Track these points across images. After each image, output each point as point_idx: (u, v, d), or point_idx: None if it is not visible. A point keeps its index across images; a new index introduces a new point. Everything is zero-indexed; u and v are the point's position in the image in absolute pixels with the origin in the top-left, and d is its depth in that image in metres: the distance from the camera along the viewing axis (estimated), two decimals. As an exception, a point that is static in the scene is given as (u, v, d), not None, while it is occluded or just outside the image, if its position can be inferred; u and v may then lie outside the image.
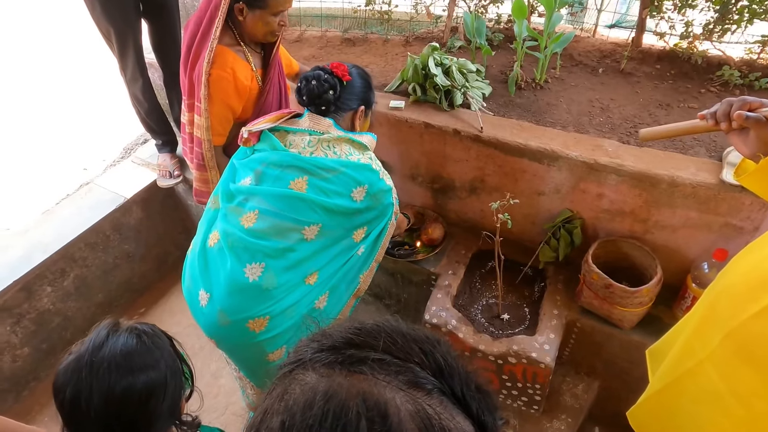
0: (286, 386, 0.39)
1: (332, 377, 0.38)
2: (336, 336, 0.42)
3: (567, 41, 1.89)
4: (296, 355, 0.42)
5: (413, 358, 0.40)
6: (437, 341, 0.43)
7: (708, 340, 0.95)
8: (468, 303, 1.86)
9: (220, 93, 1.64)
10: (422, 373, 0.39)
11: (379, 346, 0.40)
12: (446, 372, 0.40)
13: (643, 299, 1.57)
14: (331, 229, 1.41)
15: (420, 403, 0.37)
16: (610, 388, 1.84)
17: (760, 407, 0.86)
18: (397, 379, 0.38)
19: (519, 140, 1.71)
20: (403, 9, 2.45)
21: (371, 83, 1.57)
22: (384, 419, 0.34)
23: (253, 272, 1.34)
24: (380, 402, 0.35)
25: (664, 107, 1.80)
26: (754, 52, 1.83)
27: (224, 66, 1.62)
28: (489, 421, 0.41)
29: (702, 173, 1.50)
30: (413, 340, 0.42)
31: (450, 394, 0.39)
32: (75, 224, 2.27)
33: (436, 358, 0.41)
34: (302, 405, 0.36)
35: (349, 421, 0.34)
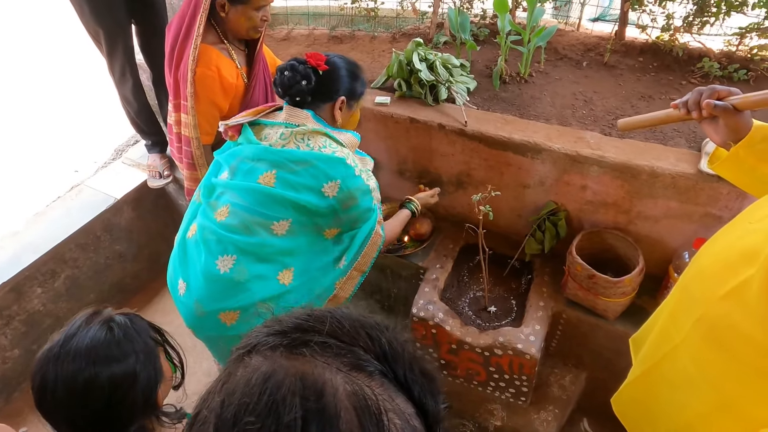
0: (232, 369, 0.40)
1: (274, 359, 0.39)
2: (286, 321, 0.43)
3: (549, 35, 1.90)
4: (247, 339, 0.43)
5: (359, 342, 0.42)
6: (385, 327, 0.44)
7: (682, 324, 0.97)
8: (455, 296, 1.88)
9: (206, 91, 1.65)
10: (365, 356, 0.41)
11: (324, 330, 0.42)
12: (390, 356, 0.42)
13: (625, 289, 1.58)
14: (303, 225, 1.38)
15: (359, 384, 0.38)
16: (597, 378, 1.86)
17: (728, 390, 0.88)
18: (339, 361, 0.39)
19: (503, 134, 1.72)
20: (390, 6, 2.46)
21: (358, 73, 1.49)
22: (319, 398, 0.35)
23: (225, 264, 1.35)
24: (318, 382, 0.37)
25: (646, 99, 1.82)
26: (733, 44, 1.85)
27: (209, 64, 1.63)
28: (430, 405, 0.42)
29: (681, 163, 1.52)
30: (361, 325, 0.43)
31: (392, 378, 0.41)
32: (65, 225, 2.28)
33: (381, 343, 0.42)
34: (242, 385, 0.37)
35: (283, 398, 0.35)
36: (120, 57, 2.13)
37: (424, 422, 0.41)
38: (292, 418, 0.34)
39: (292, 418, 0.34)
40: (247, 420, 0.35)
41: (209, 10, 1.60)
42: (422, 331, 1.76)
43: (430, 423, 0.42)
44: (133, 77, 2.23)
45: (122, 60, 2.14)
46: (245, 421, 0.35)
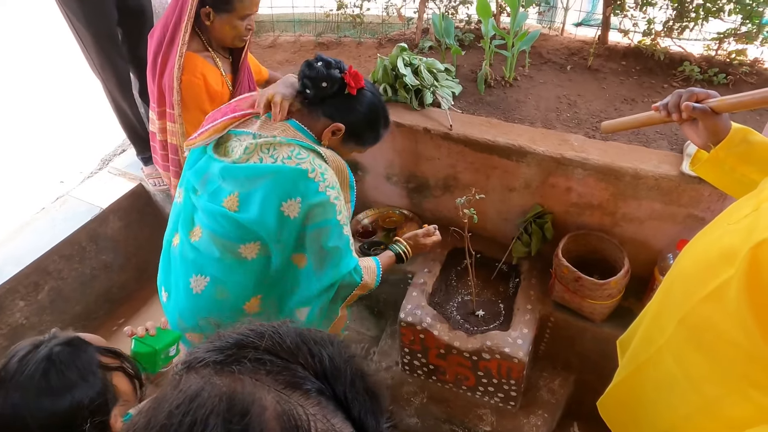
0: (165, 388, 0.39)
1: (205, 377, 0.38)
2: (226, 337, 0.42)
3: (533, 39, 1.92)
4: (186, 357, 0.42)
5: (298, 359, 0.40)
6: (330, 342, 0.43)
7: (665, 326, 0.97)
8: (443, 300, 1.87)
9: (193, 98, 1.65)
10: (303, 374, 0.39)
11: (261, 346, 0.40)
12: (330, 373, 0.40)
13: (611, 291, 1.59)
14: (270, 249, 1.26)
15: (291, 404, 0.37)
16: (586, 382, 1.86)
17: (710, 392, 0.88)
18: (273, 379, 0.38)
19: (488, 137, 1.73)
20: (375, 12, 2.47)
21: (377, 125, 1.33)
22: (242, 417, 0.34)
23: (198, 284, 1.30)
24: (245, 401, 0.35)
25: (629, 102, 1.83)
26: (712, 48, 1.88)
27: (194, 71, 1.62)
28: (371, 424, 0.41)
29: (664, 165, 1.53)
30: (303, 341, 0.42)
31: (332, 396, 0.40)
32: (49, 236, 2.25)
33: (323, 359, 0.41)
34: (167, 405, 0.36)
35: (205, 419, 0.34)
36: (115, 68, 2.11)
37: None
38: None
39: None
40: None
41: (195, 20, 1.60)
42: (410, 336, 1.75)
43: None
44: (128, 89, 2.22)
45: (117, 71, 2.12)
46: None
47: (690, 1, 1.76)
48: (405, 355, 1.85)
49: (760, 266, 0.73)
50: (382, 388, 0.44)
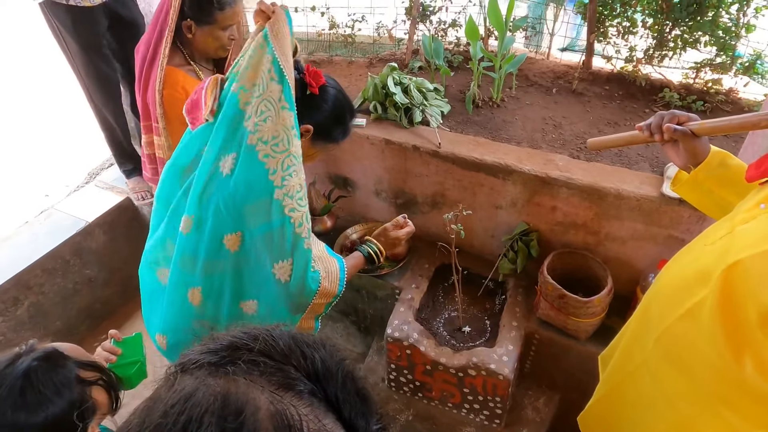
0: (159, 390, 0.40)
1: (200, 378, 0.39)
2: (220, 339, 0.43)
3: (519, 62, 1.97)
4: (180, 359, 0.43)
5: (291, 361, 0.41)
6: (322, 345, 0.44)
7: (643, 344, 0.99)
8: (431, 316, 1.88)
9: (175, 112, 1.64)
10: (296, 375, 0.40)
11: (255, 348, 0.41)
12: (322, 375, 0.41)
13: (595, 309, 1.61)
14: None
15: (284, 404, 0.37)
16: (571, 400, 1.87)
17: (685, 410, 0.90)
18: (266, 380, 0.39)
19: (475, 155, 1.76)
20: (367, 32, 2.53)
21: (344, 119, 1.29)
22: (237, 416, 0.35)
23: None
24: (239, 401, 0.36)
25: (612, 125, 1.89)
26: (690, 76, 1.95)
27: (175, 86, 1.63)
28: (361, 425, 0.41)
29: (645, 186, 1.57)
30: (296, 343, 0.43)
31: (323, 398, 0.40)
32: (31, 250, 2.21)
33: (315, 361, 0.42)
34: (162, 406, 0.37)
35: (199, 418, 0.35)
36: (101, 79, 2.11)
37: None
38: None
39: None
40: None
41: (177, 33, 1.62)
42: (397, 352, 1.75)
43: None
44: (116, 100, 2.21)
45: (103, 81, 2.12)
46: None
47: (668, 32, 1.84)
48: (391, 372, 1.84)
49: (732, 287, 0.75)
50: (372, 392, 0.45)
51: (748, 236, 0.76)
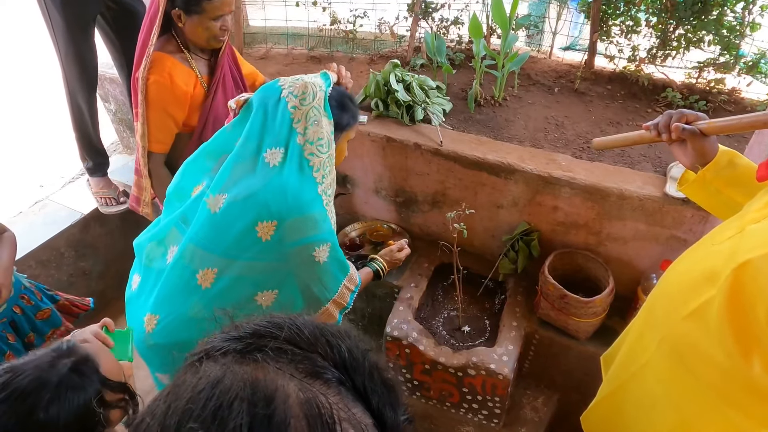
0: (182, 376, 0.39)
1: (226, 365, 0.38)
2: (244, 327, 0.42)
3: (522, 60, 1.96)
4: (202, 345, 0.42)
5: (317, 349, 0.41)
6: (347, 335, 0.43)
7: (647, 344, 0.98)
8: (430, 315, 1.87)
9: (157, 99, 1.63)
10: (323, 364, 0.40)
11: (281, 336, 0.41)
12: (349, 364, 0.41)
13: (596, 309, 1.60)
14: None
15: (314, 392, 0.37)
16: (569, 401, 1.86)
17: (689, 410, 0.89)
18: (294, 368, 0.38)
19: (477, 154, 1.75)
20: (368, 29, 2.51)
21: (347, 104, 1.30)
22: (268, 404, 0.34)
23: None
24: (268, 388, 0.35)
25: (614, 125, 1.88)
26: (693, 76, 1.95)
27: (161, 71, 1.61)
28: (389, 416, 0.41)
29: (648, 186, 1.57)
30: (321, 332, 0.42)
31: (351, 387, 0.40)
32: (26, 241, 2.18)
33: (341, 351, 0.41)
34: (189, 391, 0.36)
35: (230, 404, 0.34)
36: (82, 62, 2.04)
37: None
38: (237, 425, 0.33)
39: (238, 425, 0.33)
40: (190, 426, 0.33)
41: (167, 20, 1.60)
42: (396, 351, 1.74)
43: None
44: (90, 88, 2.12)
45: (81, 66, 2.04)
46: (188, 427, 0.33)
47: (672, 31, 1.84)
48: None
49: (741, 287, 0.74)
50: (397, 382, 0.44)
51: (759, 236, 0.75)
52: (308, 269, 1.25)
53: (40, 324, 1.60)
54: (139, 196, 1.86)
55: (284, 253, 1.21)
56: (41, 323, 1.61)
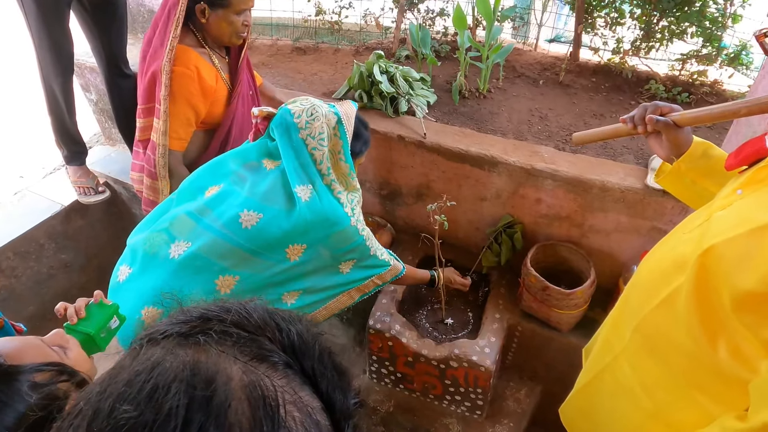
0: (122, 360, 0.38)
1: (167, 347, 0.37)
2: (191, 311, 0.41)
3: (507, 52, 1.95)
4: (146, 330, 0.41)
5: (265, 333, 0.40)
6: (298, 319, 0.43)
7: (622, 334, 0.98)
8: (413, 308, 1.87)
9: (183, 91, 1.59)
10: (270, 347, 0.39)
11: (228, 319, 0.40)
12: (298, 348, 0.40)
13: (578, 301, 1.61)
14: None
15: (258, 374, 0.36)
16: (552, 392, 1.87)
17: (662, 398, 0.90)
18: (239, 351, 0.37)
19: (461, 146, 1.74)
20: (354, 20, 2.49)
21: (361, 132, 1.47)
22: (208, 386, 0.33)
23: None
24: (210, 370, 0.35)
25: (598, 117, 1.89)
26: (676, 68, 1.96)
27: (188, 63, 1.57)
28: (338, 400, 0.40)
29: (629, 178, 1.57)
30: (270, 316, 0.42)
31: (299, 370, 0.39)
32: (4, 232, 2.15)
33: (290, 334, 0.40)
34: (127, 374, 0.35)
35: (167, 385, 0.33)
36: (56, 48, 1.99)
37: (331, 417, 0.39)
38: (173, 406, 0.32)
39: (174, 406, 0.32)
40: (124, 408, 0.32)
41: (190, 17, 1.57)
42: (379, 344, 1.73)
43: (337, 418, 0.40)
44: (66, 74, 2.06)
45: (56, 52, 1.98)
46: (122, 409, 0.32)
47: (656, 23, 1.84)
48: (373, 363, 1.82)
49: (706, 273, 0.75)
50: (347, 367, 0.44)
51: (724, 222, 0.76)
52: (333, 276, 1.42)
53: None
54: (155, 200, 1.77)
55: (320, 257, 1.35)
56: None
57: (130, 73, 2.14)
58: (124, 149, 2.58)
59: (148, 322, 1.23)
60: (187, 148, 1.73)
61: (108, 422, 0.32)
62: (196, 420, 0.32)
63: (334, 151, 1.37)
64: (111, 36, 2.06)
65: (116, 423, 0.32)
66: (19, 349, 0.81)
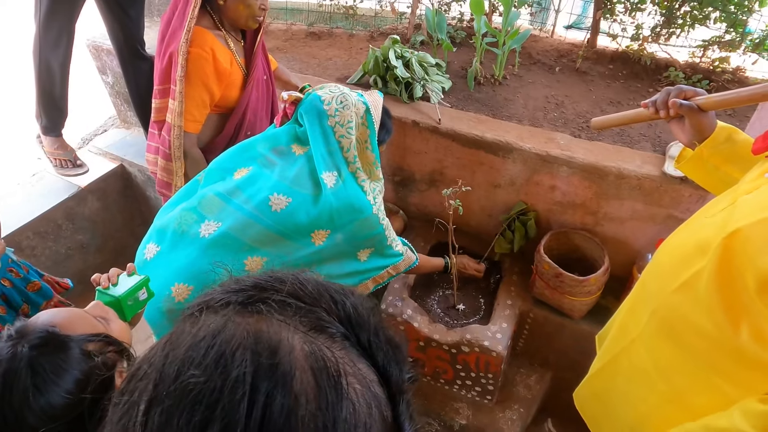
0: (180, 326, 0.38)
1: (227, 315, 0.37)
2: (245, 280, 0.41)
3: (524, 38, 1.93)
4: (200, 298, 0.41)
5: (321, 304, 0.40)
6: (351, 292, 0.42)
7: (639, 318, 0.98)
8: (425, 293, 1.88)
9: (198, 72, 1.59)
10: (328, 318, 0.39)
11: (284, 290, 0.39)
12: (354, 320, 0.40)
13: (591, 288, 1.61)
14: None
15: (318, 345, 0.36)
16: (563, 379, 1.88)
17: (678, 382, 0.89)
18: (298, 321, 0.37)
19: (476, 132, 1.74)
20: (368, 5, 2.47)
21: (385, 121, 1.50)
22: (272, 354, 0.33)
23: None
24: (272, 339, 0.35)
25: (615, 104, 1.86)
26: (697, 55, 1.92)
27: (203, 45, 1.58)
28: (394, 373, 0.40)
29: (647, 166, 1.55)
30: (325, 288, 0.41)
31: (356, 343, 0.39)
32: (23, 213, 2.19)
33: (346, 307, 0.40)
34: (189, 340, 0.35)
35: (232, 353, 0.33)
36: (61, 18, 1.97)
37: (387, 391, 0.39)
38: (240, 373, 0.32)
39: (241, 374, 0.32)
40: (192, 373, 0.32)
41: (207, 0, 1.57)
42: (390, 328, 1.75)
43: (392, 392, 0.39)
44: (68, 46, 2.06)
45: (62, 22, 1.98)
46: (189, 374, 0.32)
47: (678, 8, 1.80)
48: (384, 347, 1.84)
49: (731, 256, 0.74)
50: (402, 340, 0.43)
51: (750, 205, 0.75)
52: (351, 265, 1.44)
53: (33, 296, 1.60)
54: (169, 181, 1.79)
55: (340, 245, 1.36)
56: (34, 295, 1.60)
57: (148, 56, 2.16)
58: (139, 132, 2.60)
59: (178, 299, 1.25)
60: (202, 131, 1.73)
61: (175, 387, 0.32)
62: (263, 388, 0.32)
63: (360, 140, 1.39)
64: (130, 16, 2.07)
65: (184, 387, 0.32)
66: (69, 320, 0.86)
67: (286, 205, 1.28)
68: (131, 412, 0.33)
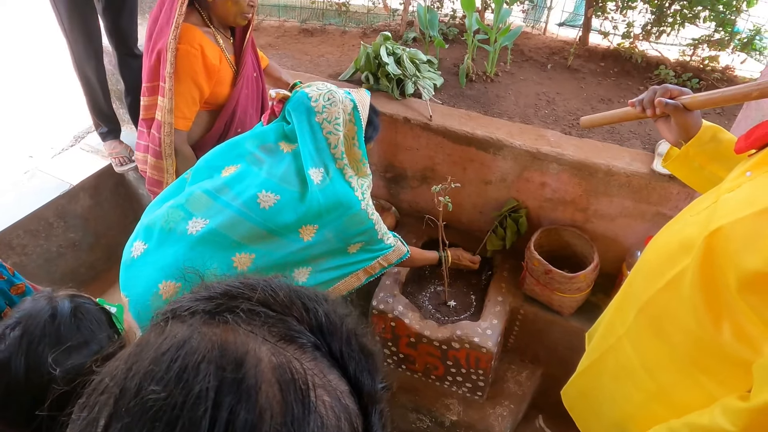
0: (146, 337, 0.37)
1: (193, 325, 0.36)
2: (214, 287, 0.40)
3: (515, 35, 1.94)
4: (169, 306, 0.40)
5: (292, 312, 0.39)
6: (324, 299, 0.41)
7: (626, 316, 0.99)
8: (416, 290, 1.88)
9: (187, 69, 1.58)
10: (298, 328, 0.38)
11: (254, 297, 0.38)
12: (326, 329, 0.39)
13: (580, 285, 1.61)
14: None
15: (287, 356, 0.35)
16: (553, 375, 1.89)
17: (664, 379, 0.90)
18: (267, 331, 0.36)
19: (466, 129, 1.74)
20: (361, 2, 2.47)
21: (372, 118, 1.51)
22: (238, 368, 0.32)
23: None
24: (239, 351, 0.34)
25: (606, 102, 1.87)
26: (687, 54, 1.93)
27: (192, 42, 1.57)
28: (366, 383, 0.39)
29: (636, 163, 1.56)
30: (297, 295, 0.40)
31: (327, 352, 0.38)
32: (14, 211, 2.18)
33: (318, 314, 0.39)
34: (152, 352, 0.34)
35: (196, 366, 0.32)
36: (85, 32, 2.01)
37: (359, 402, 0.38)
38: (203, 388, 0.31)
39: (204, 388, 0.31)
40: (152, 389, 0.31)
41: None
42: (382, 324, 1.75)
43: (364, 403, 0.38)
44: (98, 57, 2.11)
45: (87, 36, 2.02)
46: (150, 389, 0.31)
47: (668, 7, 1.81)
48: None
49: (712, 253, 0.75)
50: (377, 348, 0.42)
51: (732, 203, 0.76)
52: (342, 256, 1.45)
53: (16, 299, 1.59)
54: (160, 179, 1.78)
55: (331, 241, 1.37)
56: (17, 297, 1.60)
57: (140, 53, 2.15)
58: (132, 130, 2.59)
59: (166, 297, 1.24)
60: (192, 128, 1.73)
61: (135, 402, 0.31)
62: (226, 403, 0.31)
63: (348, 137, 1.40)
64: (123, 16, 2.07)
65: (144, 404, 0.31)
66: None
67: (275, 203, 1.28)
68: (90, 428, 0.32)
